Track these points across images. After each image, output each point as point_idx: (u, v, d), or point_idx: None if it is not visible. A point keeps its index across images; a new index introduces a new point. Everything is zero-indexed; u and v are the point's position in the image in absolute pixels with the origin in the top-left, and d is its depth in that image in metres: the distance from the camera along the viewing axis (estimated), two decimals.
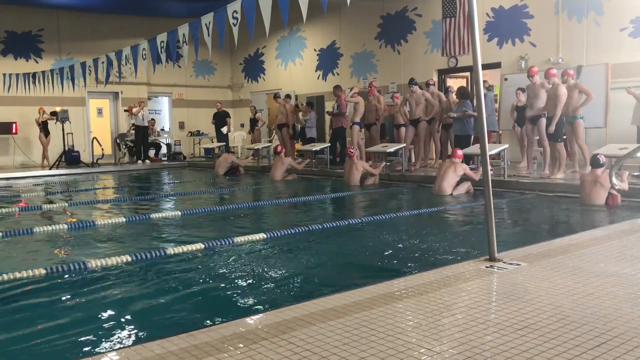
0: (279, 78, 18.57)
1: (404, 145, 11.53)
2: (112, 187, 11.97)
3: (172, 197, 9.86)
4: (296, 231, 6.03)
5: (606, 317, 2.80)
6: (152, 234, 6.37)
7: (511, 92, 11.43)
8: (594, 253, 4.21)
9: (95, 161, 16.11)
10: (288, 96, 15.44)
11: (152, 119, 17.93)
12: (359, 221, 6.68)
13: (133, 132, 16.60)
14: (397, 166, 11.78)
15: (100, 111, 18.32)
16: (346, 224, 6.50)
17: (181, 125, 19.72)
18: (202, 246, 5.32)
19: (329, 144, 13.40)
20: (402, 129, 12.45)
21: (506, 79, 12.20)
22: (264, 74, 19.27)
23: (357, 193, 9.50)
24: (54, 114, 15.19)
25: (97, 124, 17.94)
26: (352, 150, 10.78)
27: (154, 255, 5.02)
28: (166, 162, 17.22)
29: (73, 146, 15.94)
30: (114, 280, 4.40)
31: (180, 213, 7.57)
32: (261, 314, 3.19)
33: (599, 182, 7.23)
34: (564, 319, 2.80)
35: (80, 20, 17.03)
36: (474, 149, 9.83)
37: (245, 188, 11.15)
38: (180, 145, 18.66)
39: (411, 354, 2.41)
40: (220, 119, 17.03)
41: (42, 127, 15.18)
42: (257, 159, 15.28)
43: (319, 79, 17.19)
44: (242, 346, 2.53)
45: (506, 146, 9.85)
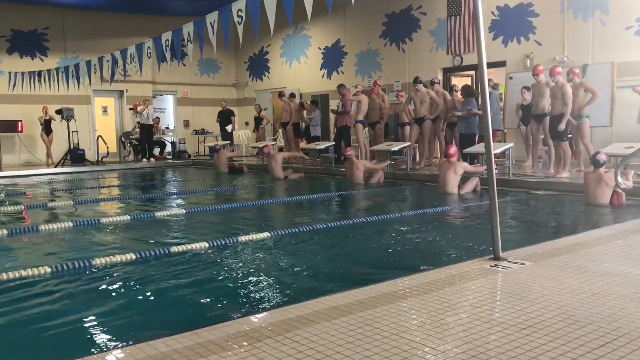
0: (283, 76, 18.57)
1: (409, 143, 11.52)
2: (117, 185, 11.99)
3: (177, 195, 9.88)
4: (300, 230, 6.03)
5: (611, 317, 2.79)
6: (157, 232, 6.38)
7: (516, 91, 11.40)
8: (599, 252, 4.19)
9: (100, 159, 16.16)
10: (292, 95, 15.44)
11: (157, 117, 17.95)
12: (363, 220, 6.67)
13: (138, 130, 16.64)
14: (401, 165, 11.77)
15: (105, 109, 18.36)
16: (350, 222, 6.50)
17: (186, 124, 19.74)
18: (207, 245, 5.33)
19: (334, 143, 13.39)
20: (407, 128, 12.44)
21: (511, 78, 12.16)
22: (269, 73, 19.27)
23: (361, 192, 9.50)
24: (59, 112, 15.24)
25: (102, 122, 17.98)
26: (349, 153, 10.70)
27: (158, 253, 5.04)
28: (171, 161, 17.26)
29: (78, 144, 15.99)
30: (118, 278, 4.41)
31: (185, 211, 7.58)
32: (265, 313, 3.19)
33: (603, 180, 7.20)
34: (568, 318, 2.79)
35: (85, 18, 17.07)
36: (479, 147, 9.81)
37: (250, 186, 11.15)
38: (185, 143, 18.69)
39: (415, 353, 2.41)
40: (225, 117, 17.05)
41: (45, 125, 15.22)
42: (261, 157, 15.28)
43: (323, 77, 17.19)
44: (246, 344, 2.54)
45: (511, 145, 9.83)
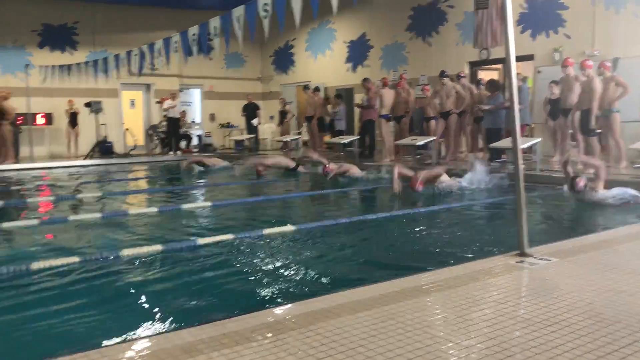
0: (308, 70, 18.57)
1: (434, 138, 11.44)
2: (144, 178, 12.15)
3: (203, 188, 9.97)
4: (323, 224, 6.05)
5: None
6: (183, 223, 6.46)
7: (544, 85, 11.22)
8: (627, 250, 4.13)
9: (127, 152, 16.38)
10: (317, 89, 15.44)
11: (184, 111, 18.12)
12: (387, 215, 6.65)
13: (165, 123, 16.82)
14: (426, 160, 11.70)
15: (132, 103, 18.60)
16: (373, 217, 6.48)
17: (212, 117, 19.89)
18: (232, 237, 5.38)
19: (358, 137, 13.37)
20: (432, 122, 12.35)
21: (539, 72, 11.98)
22: (294, 66, 19.29)
23: (383, 187, 9.45)
24: (88, 105, 15.48)
25: (129, 115, 18.22)
26: (328, 172, 9.98)
27: (184, 245, 5.10)
28: (197, 154, 17.40)
29: (106, 137, 16.23)
30: (145, 269, 4.49)
31: (211, 204, 7.66)
32: (289, 305, 3.21)
33: None
34: (595, 316, 2.75)
35: (114, 12, 17.29)
36: (505, 142, 9.70)
37: (274, 180, 11.18)
38: (210, 137, 18.83)
39: (438, 348, 2.41)
40: (251, 111, 17.12)
41: (70, 118, 15.47)
42: (285, 151, 15.34)
43: (348, 71, 17.14)
44: (270, 336, 2.56)
45: (539, 140, 9.69)
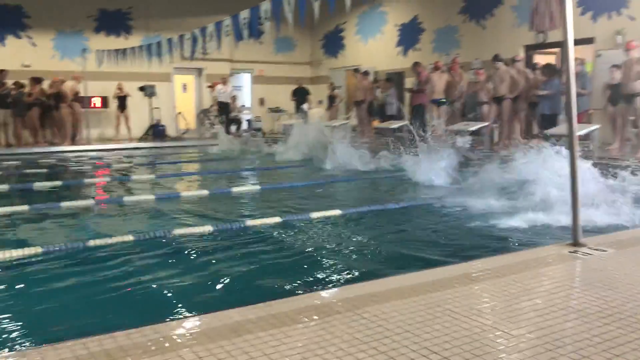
0: (358, 54, 18.44)
1: (487, 123, 11.19)
2: (196, 161, 12.39)
3: (252, 172, 10.08)
4: (371, 208, 6.03)
5: None
6: (233, 206, 6.57)
7: (605, 70, 10.77)
8: None
9: (179, 135, 16.72)
10: (366, 72, 15.31)
11: (234, 95, 18.33)
12: (437, 201, 6.55)
13: (216, 108, 17.05)
14: (479, 145, 11.47)
15: (185, 87, 18.92)
16: (424, 203, 6.41)
17: (261, 102, 20.05)
18: (279, 219, 5.44)
19: (408, 122, 13.21)
20: (485, 107, 12.08)
21: (599, 56, 11.50)
22: (343, 50, 19.18)
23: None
24: (142, 88, 15.84)
25: (182, 99, 18.56)
26: None
27: (234, 227, 5.20)
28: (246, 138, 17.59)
29: (159, 120, 16.60)
30: (195, 249, 4.60)
31: (260, 187, 7.75)
32: (336, 289, 3.23)
33: None
34: None
35: None
36: (561, 129, 9.40)
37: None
38: (260, 121, 18.99)
39: (486, 336, 2.38)
40: (301, 95, 17.14)
41: (119, 102, 15.86)
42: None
43: (399, 54, 16.92)
44: (316, 318, 2.58)
45: (597, 127, 9.34)
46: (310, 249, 4.53)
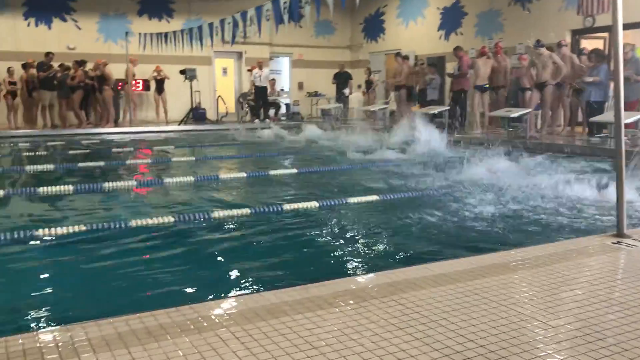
0: (398, 38, 18.20)
1: (529, 110, 10.94)
2: (234, 144, 12.48)
3: (289, 155, 10.11)
4: (407, 195, 5.99)
5: None
6: (270, 189, 6.62)
7: None
8: None
9: (219, 119, 16.89)
10: (406, 57, 15.12)
11: (273, 79, 18.38)
12: (474, 188, 6.45)
13: (253, 91, 17.13)
14: (521, 132, 11.23)
15: (225, 70, 19.06)
16: (460, 190, 6.32)
17: (300, 86, 20.04)
18: (317, 204, 5.46)
19: (449, 107, 13.03)
20: (528, 93, 11.80)
21: None
22: (384, 34, 18.97)
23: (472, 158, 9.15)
24: (183, 72, 16.02)
25: (222, 82, 18.71)
26: None
27: (271, 210, 5.24)
28: (284, 122, 17.64)
29: (200, 104, 16.78)
30: (233, 231, 4.67)
31: (296, 171, 7.78)
32: (372, 274, 3.23)
33: None
34: None
35: None
36: (607, 116, 9.11)
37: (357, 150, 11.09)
38: (298, 105, 19.01)
39: (524, 326, 2.35)
40: (343, 79, 17.04)
41: (157, 85, 16.07)
42: (372, 121, 15.23)
43: (440, 38, 16.64)
44: (352, 303, 2.59)
45: None
46: (348, 233, 4.54)
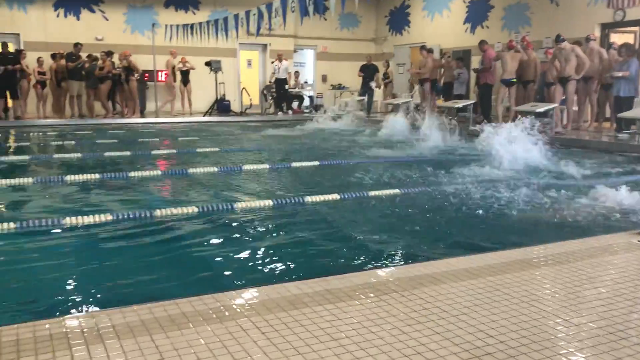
0: (424, 31, 18.05)
1: (556, 105, 10.77)
2: (256, 136, 12.51)
3: (311, 148, 10.09)
4: (430, 189, 5.95)
5: None
6: (292, 181, 6.65)
7: None
8: None
9: (243, 110, 16.97)
10: (431, 50, 15.00)
11: (297, 71, 18.39)
12: (499, 184, 6.39)
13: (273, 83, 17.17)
14: (546, 127, 11.07)
15: (249, 62, 19.12)
16: (484, 186, 6.27)
17: (324, 78, 20.02)
18: (338, 197, 5.47)
19: (473, 101, 12.91)
20: (553, 88, 11.63)
21: None
22: (409, 27, 18.82)
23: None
24: (208, 63, 16.11)
25: (246, 74, 18.78)
26: None
27: (293, 202, 5.27)
28: (308, 114, 17.65)
29: (224, 95, 16.87)
30: (255, 222, 4.70)
31: (318, 163, 7.79)
32: (392, 268, 3.24)
33: None
34: None
35: None
36: (635, 112, 8.94)
37: (381, 141, 11.05)
38: (322, 98, 18.99)
39: (546, 323, 2.33)
40: (370, 72, 16.96)
41: (182, 76, 16.17)
42: (396, 114, 15.15)
43: (466, 32, 16.45)
44: (372, 296, 2.60)
45: None
46: (368, 226, 4.54)
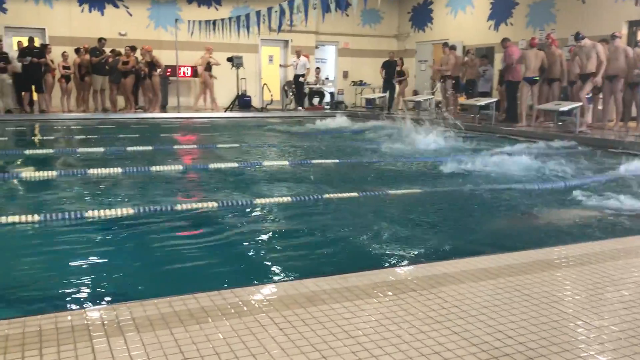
0: (447, 28, 17.91)
1: (580, 104, 10.61)
2: (277, 132, 12.53)
3: (332, 145, 10.09)
4: (452, 189, 5.91)
5: None
6: (311, 178, 6.65)
7: None
8: None
9: (264, 106, 17.02)
10: (453, 47, 14.87)
11: (318, 67, 18.39)
12: (526, 184, 6.32)
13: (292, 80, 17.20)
14: (570, 126, 10.93)
15: (271, 58, 19.15)
16: (506, 186, 6.20)
17: (345, 75, 19.98)
18: (357, 194, 5.46)
19: (497, 99, 12.79)
20: (575, 86, 11.46)
21: None
22: (432, 23, 18.69)
23: (514, 153, 8.93)
24: (230, 59, 16.18)
25: (267, 70, 18.82)
26: None
27: (312, 199, 5.27)
28: (328, 111, 17.64)
29: (245, 91, 16.94)
30: (274, 218, 4.72)
31: (338, 160, 7.78)
32: (411, 266, 3.22)
33: None
34: None
35: None
36: None
37: (400, 139, 10.96)
38: (342, 94, 18.96)
39: (566, 325, 2.31)
40: (392, 69, 16.89)
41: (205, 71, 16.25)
42: (418, 111, 15.09)
43: (490, 29, 16.28)
44: (390, 294, 2.60)
45: None
46: (388, 224, 4.52)
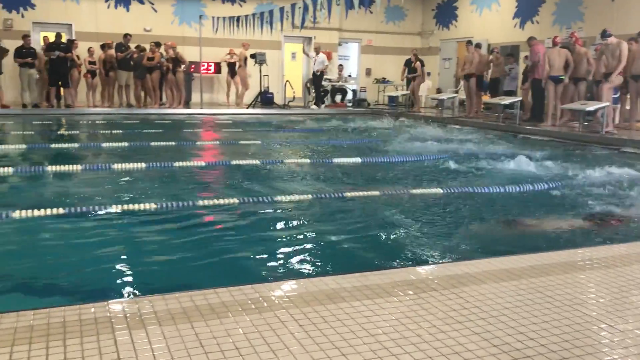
0: (471, 25, 17.74)
1: (607, 104, 10.43)
2: (299, 130, 12.55)
3: (354, 144, 10.07)
4: (476, 190, 5.86)
5: None
6: (333, 176, 6.65)
7: None
8: None
9: (286, 103, 17.05)
10: (478, 45, 14.73)
11: (340, 65, 18.37)
12: (550, 184, 6.24)
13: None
14: (596, 126, 10.75)
15: (294, 55, 19.17)
16: (530, 187, 6.13)
17: (368, 72, 19.91)
18: (378, 193, 5.44)
19: (520, 98, 12.64)
20: (602, 85, 11.25)
21: None
22: (456, 21, 18.53)
23: (544, 152, 8.84)
24: (253, 56, 16.24)
25: (290, 67, 18.85)
26: None
27: (333, 197, 5.28)
28: (350, 108, 17.61)
29: (268, 88, 16.99)
30: (296, 215, 4.73)
31: (360, 160, 7.75)
32: (432, 265, 3.21)
33: None
34: None
35: None
36: None
37: (424, 138, 10.92)
38: (365, 92, 18.91)
39: (589, 328, 2.28)
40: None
41: (229, 68, 16.33)
42: (441, 109, 14.98)
43: (515, 27, 16.08)
44: (411, 293, 2.59)
45: None
46: (409, 224, 4.51)
